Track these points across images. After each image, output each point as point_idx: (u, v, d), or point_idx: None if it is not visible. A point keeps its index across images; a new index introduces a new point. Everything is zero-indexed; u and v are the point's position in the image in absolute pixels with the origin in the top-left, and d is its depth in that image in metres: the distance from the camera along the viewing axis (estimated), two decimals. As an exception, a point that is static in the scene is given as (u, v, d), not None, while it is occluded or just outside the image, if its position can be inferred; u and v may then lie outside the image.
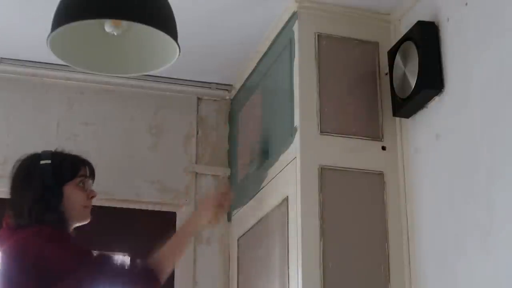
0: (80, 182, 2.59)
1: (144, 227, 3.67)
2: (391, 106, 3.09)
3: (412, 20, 3.02)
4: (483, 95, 2.64)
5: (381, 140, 3.12)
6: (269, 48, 3.47)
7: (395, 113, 3.08)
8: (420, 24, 2.93)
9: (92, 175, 2.65)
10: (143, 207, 3.73)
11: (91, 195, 2.61)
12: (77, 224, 2.59)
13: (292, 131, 3.11)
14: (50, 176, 2.52)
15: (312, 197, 2.96)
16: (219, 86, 3.96)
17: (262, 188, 3.37)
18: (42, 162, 2.55)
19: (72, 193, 2.55)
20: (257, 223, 3.39)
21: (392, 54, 3.08)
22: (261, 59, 3.57)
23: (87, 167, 2.64)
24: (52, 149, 2.65)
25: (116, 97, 3.83)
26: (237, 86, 3.89)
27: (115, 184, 3.67)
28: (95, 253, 2.45)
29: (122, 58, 2.66)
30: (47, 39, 2.39)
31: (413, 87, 2.91)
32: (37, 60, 3.69)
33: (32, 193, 2.49)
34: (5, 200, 3.49)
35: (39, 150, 2.63)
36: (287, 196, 3.07)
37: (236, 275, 3.61)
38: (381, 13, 3.26)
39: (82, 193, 2.58)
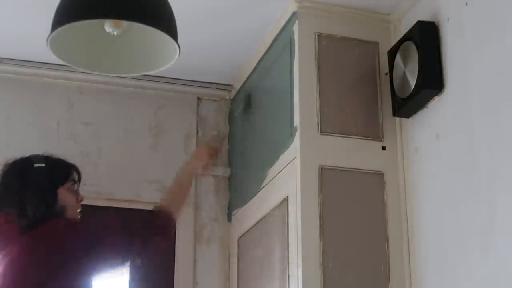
0: (71, 186, 2.63)
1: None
2: (391, 106, 3.09)
3: (412, 20, 3.02)
4: (483, 95, 2.64)
5: (381, 140, 3.12)
6: (269, 48, 3.47)
7: (395, 113, 3.08)
8: (420, 24, 2.93)
9: (79, 179, 2.71)
10: (143, 207, 3.72)
11: (80, 199, 2.67)
12: None
13: (292, 131, 3.11)
14: (46, 178, 2.56)
15: (312, 197, 2.96)
16: (219, 86, 3.95)
17: (262, 188, 3.37)
18: (36, 165, 2.58)
19: (65, 197, 2.59)
20: (257, 223, 3.39)
21: (392, 54, 3.08)
22: (261, 59, 3.57)
23: (77, 172, 2.70)
24: (44, 151, 2.69)
25: (116, 97, 3.83)
26: (237, 86, 3.89)
27: (115, 184, 3.67)
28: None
29: (122, 58, 2.65)
30: (47, 39, 2.39)
31: (413, 87, 2.91)
32: (37, 60, 3.69)
33: (32, 194, 2.51)
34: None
35: (39, 150, 2.65)
36: (287, 196, 3.07)
37: (236, 275, 3.61)
38: (381, 13, 3.26)
39: (73, 197, 2.63)
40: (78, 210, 2.66)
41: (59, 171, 2.62)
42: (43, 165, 2.59)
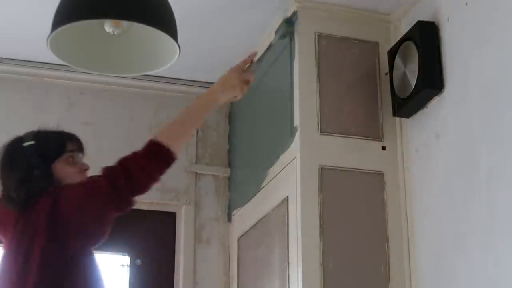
0: (69, 158, 2.50)
1: (144, 227, 3.67)
2: (391, 106, 3.09)
3: (412, 20, 3.03)
4: (483, 95, 2.64)
5: (381, 140, 3.12)
6: (269, 48, 3.47)
7: (395, 113, 3.08)
8: (420, 24, 2.93)
9: (80, 148, 2.57)
10: (143, 207, 3.72)
11: (83, 168, 2.52)
12: None
13: (292, 131, 3.11)
14: (35, 156, 2.47)
15: (312, 197, 2.96)
16: (219, 86, 3.95)
17: (262, 188, 3.37)
18: (25, 144, 2.52)
19: (62, 170, 2.46)
20: (257, 223, 3.39)
21: (392, 54, 3.08)
22: (261, 59, 3.57)
23: (74, 141, 2.55)
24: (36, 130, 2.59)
25: (116, 97, 3.82)
26: (237, 86, 3.88)
27: (115, 184, 3.66)
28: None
29: (122, 58, 2.66)
30: (47, 39, 2.39)
31: (413, 87, 2.91)
32: (37, 60, 3.68)
33: (16, 175, 2.43)
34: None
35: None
36: (287, 196, 3.07)
37: (236, 275, 3.61)
38: (381, 13, 3.26)
39: (73, 168, 2.49)
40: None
41: (52, 145, 2.49)
42: (33, 142, 2.48)
